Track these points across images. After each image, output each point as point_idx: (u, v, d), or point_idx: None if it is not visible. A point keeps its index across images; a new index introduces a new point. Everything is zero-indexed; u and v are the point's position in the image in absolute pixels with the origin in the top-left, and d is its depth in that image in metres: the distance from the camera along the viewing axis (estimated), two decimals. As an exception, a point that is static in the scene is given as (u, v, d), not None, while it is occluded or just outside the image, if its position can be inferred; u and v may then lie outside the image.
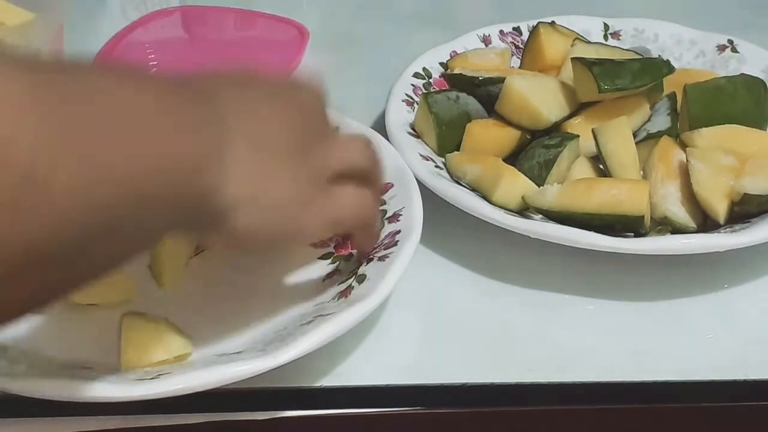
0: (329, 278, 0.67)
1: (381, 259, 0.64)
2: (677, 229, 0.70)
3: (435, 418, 0.61)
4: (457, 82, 0.81)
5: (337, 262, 0.68)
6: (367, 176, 0.61)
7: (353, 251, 0.68)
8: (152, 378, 0.56)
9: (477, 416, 0.62)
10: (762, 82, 0.78)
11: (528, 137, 0.77)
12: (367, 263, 0.65)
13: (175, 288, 0.67)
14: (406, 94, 0.81)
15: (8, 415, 0.59)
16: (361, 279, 0.64)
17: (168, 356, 0.60)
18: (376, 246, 0.66)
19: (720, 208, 0.69)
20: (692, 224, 0.70)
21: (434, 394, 0.61)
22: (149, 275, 0.67)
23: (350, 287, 0.64)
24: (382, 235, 0.67)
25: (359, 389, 0.61)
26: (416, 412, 0.61)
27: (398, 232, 0.66)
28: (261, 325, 0.63)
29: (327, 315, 0.60)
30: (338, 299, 0.63)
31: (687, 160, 0.71)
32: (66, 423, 0.58)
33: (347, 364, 0.63)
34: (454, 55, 0.86)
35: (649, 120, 0.78)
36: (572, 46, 0.83)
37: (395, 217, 0.68)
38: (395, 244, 0.65)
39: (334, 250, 0.69)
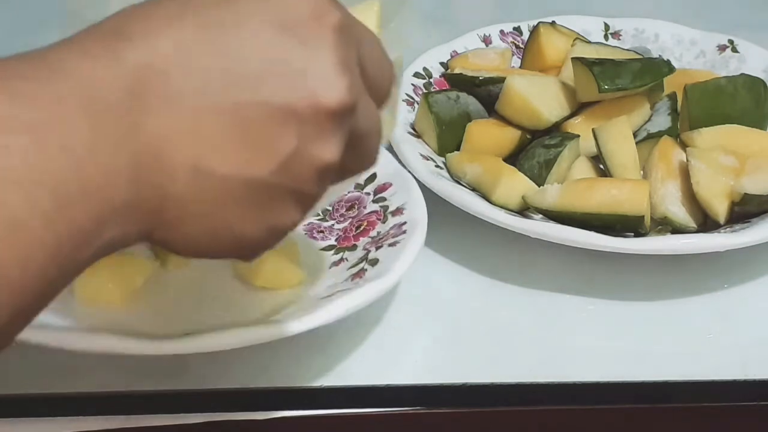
0: (335, 266, 0.67)
1: (391, 245, 0.64)
2: (677, 229, 0.70)
3: (435, 418, 0.61)
4: (457, 81, 0.81)
5: (342, 253, 0.68)
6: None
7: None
8: (189, 334, 0.55)
9: (477, 416, 0.62)
10: (762, 82, 0.78)
11: (528, 137, 0.77)
12: (377, 250, 0.65)
13: (181, 270, 0.66)
14: (407, 94, 0.80)
15: (8, 415, 0.59)
16: (374, 263, 0.63)
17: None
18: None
19: (720, 208, 0.69)
20: (692, 224, 0.70)
21: (434, 394, 0.61)
22: (153, 257, 0.66)
23: (363, 270, 0.63)
24: (388, 227, 0.67)
25: (359, 389, 0.61)
26: (416, 412, 0.61)
27: (404, 223, 0.66)
28: (270, 306, 0.63)
29: (347, 290, 0.60)
30: (352, 280, 0.63)
31: (687, 160, 0.71)
32: (66, 423, 0.58)
33: (347, 364, 0.63)
34: (454, 54, 0.86)
35: (649, 120, 0.78)
36: (572, 46, 0.83)
37: (399, 211, 0.68)
38: (403, 232, 0.65)
39: (336, 243, 0.69)
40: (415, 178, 0.71)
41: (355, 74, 0.40)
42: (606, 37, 0.89)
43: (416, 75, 0.83)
